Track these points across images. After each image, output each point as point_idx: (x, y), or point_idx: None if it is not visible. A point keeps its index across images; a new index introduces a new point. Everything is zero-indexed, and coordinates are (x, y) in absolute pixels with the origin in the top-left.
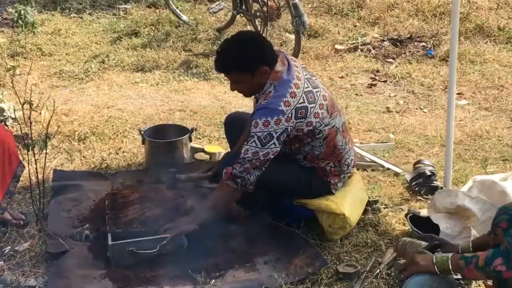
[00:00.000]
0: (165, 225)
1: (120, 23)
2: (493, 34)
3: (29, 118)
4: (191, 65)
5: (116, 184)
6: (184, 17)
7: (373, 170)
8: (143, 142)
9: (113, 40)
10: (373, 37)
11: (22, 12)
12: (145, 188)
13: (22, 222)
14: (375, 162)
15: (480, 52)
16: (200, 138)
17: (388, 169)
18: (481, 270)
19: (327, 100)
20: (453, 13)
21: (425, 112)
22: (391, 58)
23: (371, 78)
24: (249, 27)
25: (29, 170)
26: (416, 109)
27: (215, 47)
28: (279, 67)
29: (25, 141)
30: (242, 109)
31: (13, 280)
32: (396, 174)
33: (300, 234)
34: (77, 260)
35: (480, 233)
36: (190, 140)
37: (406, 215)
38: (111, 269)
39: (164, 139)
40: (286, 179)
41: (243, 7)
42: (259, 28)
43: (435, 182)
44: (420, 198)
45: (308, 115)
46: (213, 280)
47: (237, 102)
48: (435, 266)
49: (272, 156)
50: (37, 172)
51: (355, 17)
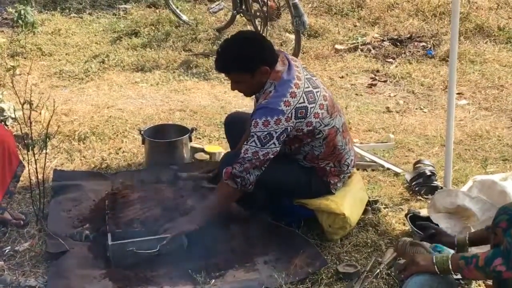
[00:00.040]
0: (165, 225)
1: (120, 23)
2: (493, 34)
3: (29, 118)
4: (191, 65)
5: (116, 184)
6: (184, 17)
7: (373, 170)
8: (143, 142)
9: (113, 40)
10: (373, 37)
11: (22, 12)
12: (145, 188)
13: (22, 222)
14: (375, 162)
15: (480, 52)
16: (200, 138)
17: (388, 169)
18: (481, 270)
19: (327, 100)
20: (453, 13)
21: (425, 112)
22: (391, 58)
23: (371, 78)
24: (249, 27)
25: (29, 170)
26: (416, 109)
27: (215, 47)
28: (279, 67)
29: (25, 141)
30: (242, 109)
31: (13, 280)
32: (396, 174)
33: (300, 234)
34: (77, 260)
35: None
36: (190, 140)
37: (406, 215)
38: (111, 269)
39: (164, 139)
40: (286, 179)
41: (243, 7)
42: (259, 28)
43: (435, 182)
44: (420, 198)
45: (308, 115)
46: (213, 280)
47: (237, 102)
48: (435, 266)
49: (272, 156)
50: (37, 172)
51: (355, 17)
